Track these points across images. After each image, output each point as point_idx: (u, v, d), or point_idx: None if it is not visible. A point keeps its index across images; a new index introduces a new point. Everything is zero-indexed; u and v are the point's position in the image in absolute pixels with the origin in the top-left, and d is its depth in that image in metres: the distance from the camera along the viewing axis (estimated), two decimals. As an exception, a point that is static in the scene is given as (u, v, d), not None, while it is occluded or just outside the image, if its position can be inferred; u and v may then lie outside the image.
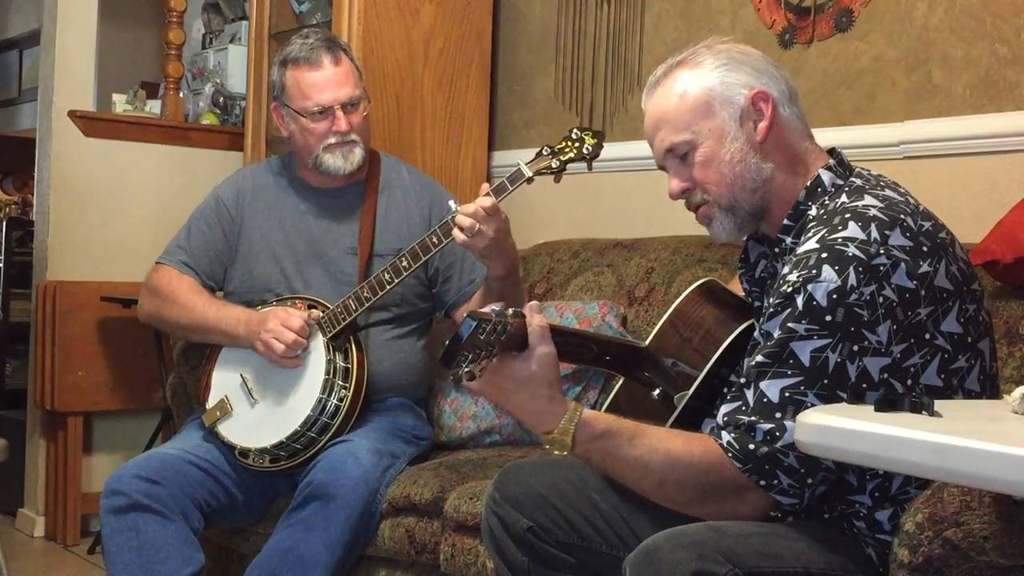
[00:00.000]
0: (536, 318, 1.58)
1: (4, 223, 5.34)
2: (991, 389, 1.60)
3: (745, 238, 1.79)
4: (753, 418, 1.50)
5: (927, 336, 1.50)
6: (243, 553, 2.72)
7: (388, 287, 2.49)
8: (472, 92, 3.57)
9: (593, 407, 1.97)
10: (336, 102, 2.62)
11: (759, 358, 1.52)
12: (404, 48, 3.42)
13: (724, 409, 1.55)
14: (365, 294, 2.51)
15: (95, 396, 3.88)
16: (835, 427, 1.18)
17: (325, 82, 2.62)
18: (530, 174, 2.36)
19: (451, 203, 2.45)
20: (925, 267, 1.51)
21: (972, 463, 1.03)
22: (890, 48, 2.63)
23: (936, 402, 1.22)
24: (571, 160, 2.37)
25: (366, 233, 2.68)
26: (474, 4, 3.56)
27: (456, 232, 2.34)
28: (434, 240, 2.44)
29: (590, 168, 2.40)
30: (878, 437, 1.13)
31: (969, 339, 1.55)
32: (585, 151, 2.37)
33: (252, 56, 3.77)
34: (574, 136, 2.38)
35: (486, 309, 1.53)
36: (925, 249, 1.52)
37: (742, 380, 1.55)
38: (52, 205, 3.91)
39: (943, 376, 1.52)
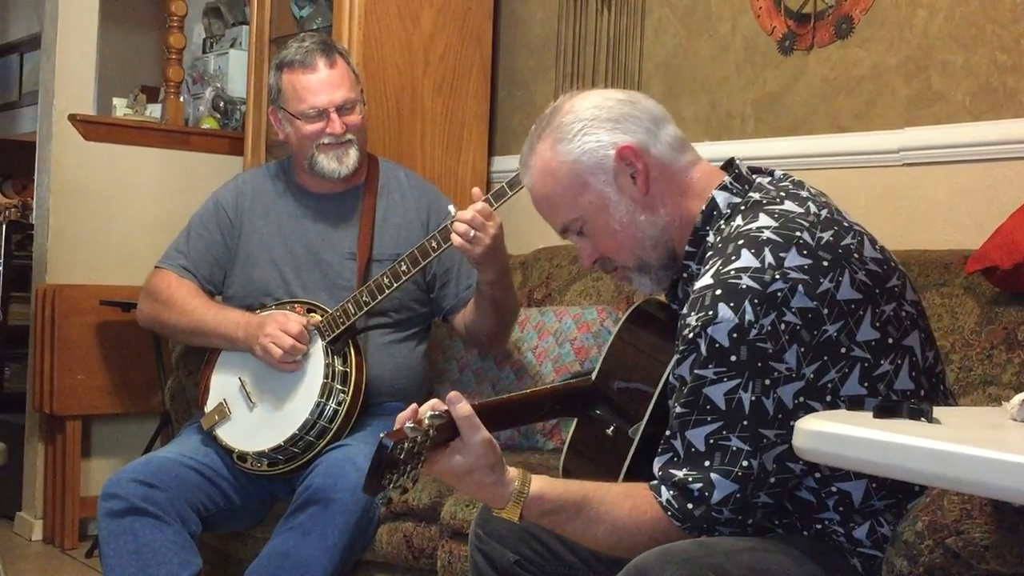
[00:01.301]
0: (460, 408, 1.52)
1: (4, 226, 5.34)
2: (928, 382, 1.57)
3: None
4: (683, 471, 1.50)
5: (842, 350, 1.48)
6: (241, 557, 2.71)
7: (387, 291, 2.49)
8: (472, 97, 3.57)
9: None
10: (330, 104, 2.62)
11: (678, 408, 1.51)
12: (404, 53, 3.42)
13: (658, 462, 1.54)
14: (364, 298, 2.51)
15: (94, 400, 3.88)
16: (834, 433, 1.17)
17: (319, 84, 2.62)
18: (530, 179, 2.36)
19: (451, 208, 2.45)
20: (825, 283, 1.47)
21: (972, 470, 1.03)
22: (890, 55, 2.63)
23: (935, 409, 1.22)
24: (571, 165, 2.37)
25: (365, 238, 2.68)
26: (474, 9, 3.56)
27: (454, 237, 2.34)
28: (433, 245, 2.44)
29: (590, 173, 2.39)
30: (877, 444, 1.13)
31: (890, 340, 1.52)
32: None
33: (252, 61, 3.78)
34: None
35: (403, 417, 1.50)
36: (825, 264, 1.49)
37: (668, 431, 1.54)
38: (52, 209, 3.91)
39: (866, 385, 1.50)
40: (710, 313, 1.47)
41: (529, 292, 3.08)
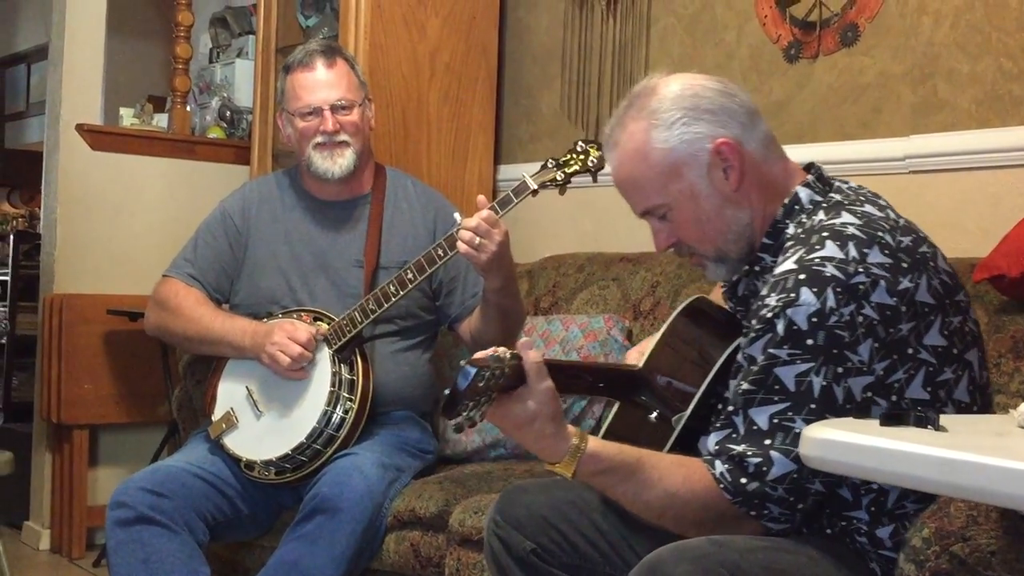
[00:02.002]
0: (531, 354, 1.54)
1: (12, 236, 5.36)
2: (982, 399, 1.59)
3: None
4: (742, 447, 1.50)
5: (910, 351, 1.50)
6: (248, 566, 2.72)
7: (393, 299, 2.50)
8: (478, 106, 3.58)
9: (598, 421, 1.98)
10: (325, 103, 2.64)
11: (745, 385, 1.52)
12: (410, 62, 3.43)
13: (714, 437, 1.55)
14: (371, 306, 2.51)
15: (101, 409, 3.88)
16: (840, 442, 1.17)
17: (315, 83, 2.65)
18: (535, 186, 2.37)
19: (456, 216, 2.46)
20: (905, 283, 1.50)
21: (978, 478, 1.03)
22: (895, 63, 2.63)
23: (941, 416, 1.22)
24: (576, 172, 2.38)
25: (372, 246, 2.69)
26: (480, 18, 3.57)
27: (459, 244, 2.34)
28: (439, 253, 2.44)
29: (595, 180, 2.40)
30: (883, 452, 1.13)
31: (955, 351, 1.54)
32: (590, 163, 2.38)
33: (259, 70, 3.79)
34: (579, 148, 2.39)
35: (482, 355, 1.51)
36: (904, 265, 1.51)
37: (730, 408, 1.54)
38: (59, 218, 3.93)
39: (929, 389, 1.51)
40: (792, 295, 1.48)
41: (535, 300, 3.08)
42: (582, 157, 2.38)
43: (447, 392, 1.45)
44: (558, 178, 2.38)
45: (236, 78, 4.36)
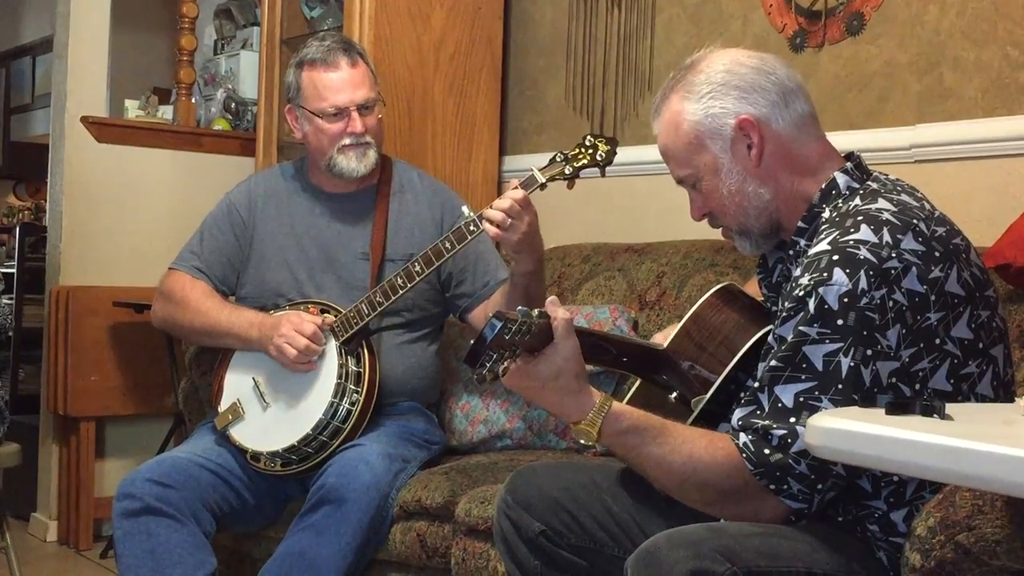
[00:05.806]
0: (560, 312, 1.58)
1: (17, 229, 5.36)
2: (1005, 395, 1.60)
3: None
4: (767, 422, 1.50)
5: (937, 341, 1.50)
6: (255, 557, 2.72)
7: (401, 292, 2.50)
8: (483, 97, 3.58)
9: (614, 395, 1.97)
10: (352, 103, 2.63)
11: (773, 362, 1.52)
12: (415, 53, 3.43)
13: (738, 413, 1.55)
14: (378, 299, 2.51)
15: (108, 401, 3.90)
16: (846, 430, 1.17)
17: (342, 83, 2.63)
18: (543, 180, 2.37)
19: (464, 209, 2.46)
20: (936, 272, 1.51)
21: (983, 466, 1.03)
22: (901, 52, 2.62)
23: (947, 405, 1.21)
24: (584, 166, 2.37)
25: (378, 238, 2.69)
26: (485, 9, 3.56)
27: (488, 227, 2.33)
28: (447, 245, 2.44)
29: (603, 174, 2.40)
30: (889, 440, 1.13)
31: (980, 345, 1.54)
32: (599, 158, 2.37)
33: (264, 62, 3.79)
34: (588, 143, 2.39)
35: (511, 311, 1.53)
36: (937, 254, 1.52)
37: (756, 384, 1.54)
38: (65, 211, 3.93)
39: (952, 381, 1.52)
40: (825, 275, 1.49)
41: (541, 291, 3.08)
42: (591, 151, 2.38)
43: (472, 341, 1.47)
44: (566, 172, 2.37)
45: (241, 70, 4.36)
